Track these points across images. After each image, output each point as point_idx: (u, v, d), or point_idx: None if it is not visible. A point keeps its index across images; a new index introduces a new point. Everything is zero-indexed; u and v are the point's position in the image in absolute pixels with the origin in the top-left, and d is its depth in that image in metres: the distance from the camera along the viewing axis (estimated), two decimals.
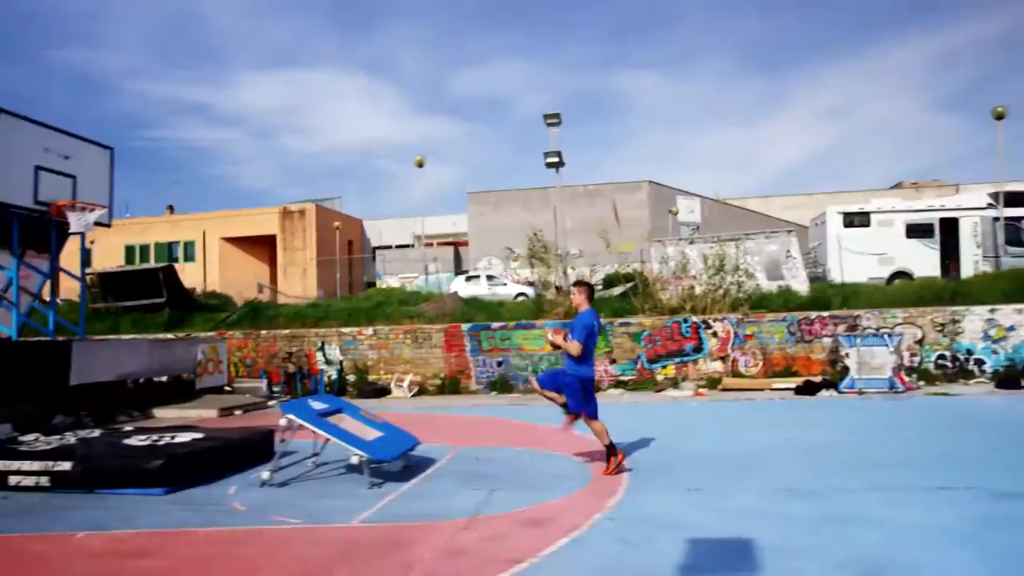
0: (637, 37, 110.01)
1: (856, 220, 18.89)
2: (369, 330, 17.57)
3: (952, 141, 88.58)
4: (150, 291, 20.20)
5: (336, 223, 37.41)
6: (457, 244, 42.19)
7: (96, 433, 8.34)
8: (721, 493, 6.03)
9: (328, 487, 6.85)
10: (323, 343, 17.71)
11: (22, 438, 8.25)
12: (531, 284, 18.58)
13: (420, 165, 24.12)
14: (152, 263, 38.36)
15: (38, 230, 13.01)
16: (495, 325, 16.77)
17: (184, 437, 7.78)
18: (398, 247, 44.46)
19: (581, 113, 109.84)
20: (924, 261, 19.22)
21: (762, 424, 10.24)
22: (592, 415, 6.99)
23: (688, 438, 9.11)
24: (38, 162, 8.10)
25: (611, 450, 6.95)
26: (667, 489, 6.22)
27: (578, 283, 7.52)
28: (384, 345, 17.41)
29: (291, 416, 6.88)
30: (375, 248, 45.49)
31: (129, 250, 41.98)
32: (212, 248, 42.43)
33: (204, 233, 42.63)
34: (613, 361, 15.98)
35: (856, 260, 17.72)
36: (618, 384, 15.78)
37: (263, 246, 42.55)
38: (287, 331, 18.14)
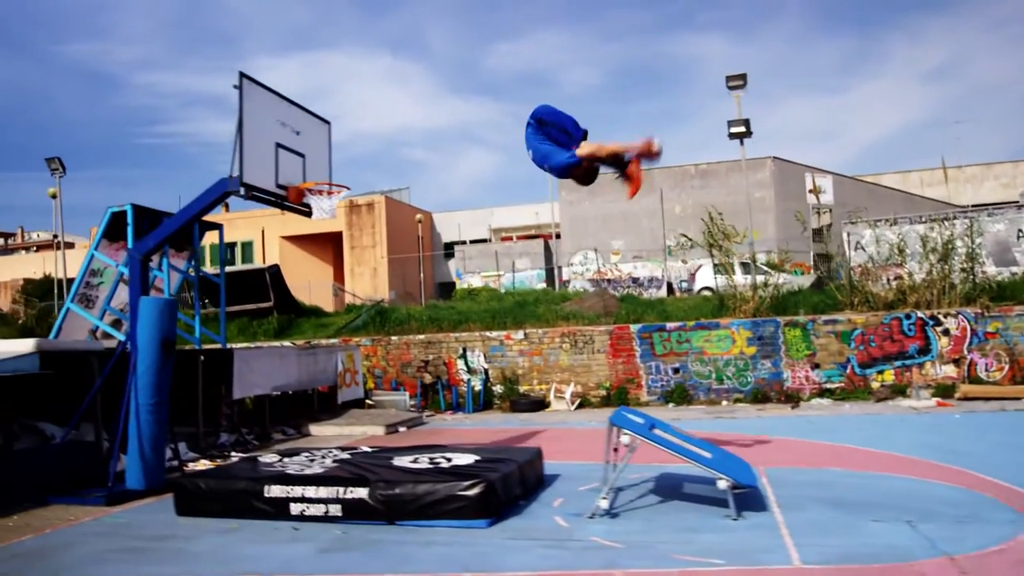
0: None
1: None
2: (519, 333, 17.12)
3: None
4: (256, 294, 20.11)
5: (418, 216, 37.27)
6: (543, 237, 41.80)
7: (343, 455, 7.97)
8: None
9: (675, 518, 6.32)
10: (465, 349, 17.34)
11: (263, 459, 7.93)
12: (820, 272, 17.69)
13: None
14: (207, 267, 38.76)
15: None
16: (670, 325, 16.16)
17: (464, 458, 7.35)
18: (472, 242, 44.19)
19: (635, 88, 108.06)
20: None
21: None
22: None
23: None
24: (277, 138, 7.76)
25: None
26: None
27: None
28: (537, 351, 16.95)
29: (631, 432, 6.38)
30: (448, 244, 45.30)
31: None
32: (272, 248, 42.75)
33: (263, 232, 42.98)
34: (816, 366, 15.24)
35: None
36: (823, 393, 15.04)
37: (327, 244, 42.71)
38: (422, 336, 17.80)
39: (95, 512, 7.36)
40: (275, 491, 6.71)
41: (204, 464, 10.15)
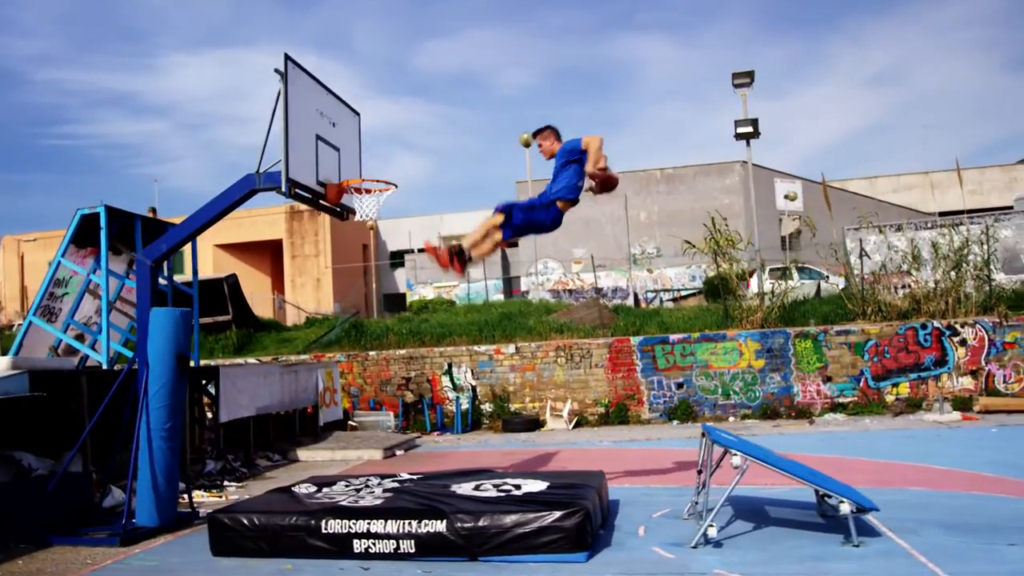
0: None
1: None
2: (510, 347, 16.80)
3: None
4: (213, 306, 19.24)
5: (369, 223, 36.58)
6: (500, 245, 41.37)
7: (390, 483, 7.53)
8: None
9: (788, 546, 6.09)
10: (450, 365, 16.93)
11: (298, 490, 7.41)
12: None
13: (527, 145, 23.44)
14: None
15: (149, 232, 12.22)
16: (674, 337, 16.07)
17: (534, 484, 7.00)
18: (421, 251, 43.61)
19: (572, 91, 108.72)
20: None
21: None
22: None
23: None
24: (317, 130, 7.31)
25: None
26: None
27: (541, 129, 7.29)
28: (530, 366, 16.65)
29: (743, 453, 6.15)
30: (395, 252, 44.72)
31: None
32: (204, 257, 41.19)
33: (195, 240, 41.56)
34: (828, 379, 15.34)
35: None
36: (835, 407, 15.14)
37: (265, 253, 41.67)
38: (403, 351, 17.32)
39: (112, 554, 6.73)
40: (334, 526, 6.25)
41: (201, 495, 9.54)
